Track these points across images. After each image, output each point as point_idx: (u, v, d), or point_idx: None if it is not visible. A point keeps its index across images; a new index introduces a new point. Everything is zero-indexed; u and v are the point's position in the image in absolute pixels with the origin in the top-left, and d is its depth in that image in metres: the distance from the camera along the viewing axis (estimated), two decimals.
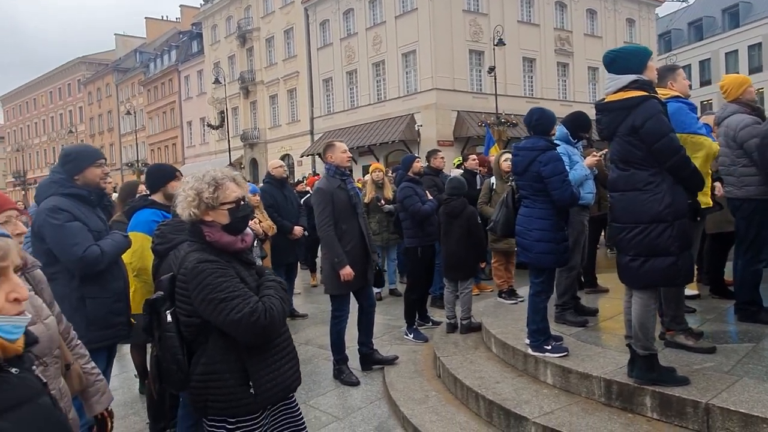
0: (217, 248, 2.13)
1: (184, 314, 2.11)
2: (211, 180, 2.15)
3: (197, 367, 2.11)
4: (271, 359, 2.17)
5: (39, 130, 61.88)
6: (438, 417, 3.72)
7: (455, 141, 24.94)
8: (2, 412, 1.05)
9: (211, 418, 2.14)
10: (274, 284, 2.22)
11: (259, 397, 2.11)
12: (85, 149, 3.15)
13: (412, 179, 5.76)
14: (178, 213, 2.19)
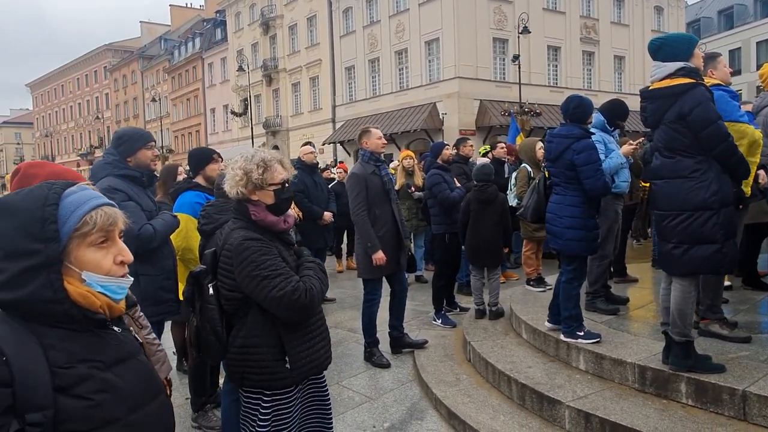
0: (262, 227, 2.21)
1: (226, 288, 2.20)
2: (260, 161, 2.22)
3: (236, 340, 2.21)
4: (307, 336, 2.26)
5: (67, 116, 63.09)
6: (470, 399, 3.79)
7: (477, 130, 24.79)
8: (111, 366, 1.15)
9: (247, 390, 2.24)
10: (313, 265, 2.31)
11: (295, 372, 2.20)
12: (137, 132, 3.25)
13: (441, 166, 5.80)
14: (226, 191, 2.27)
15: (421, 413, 3.85)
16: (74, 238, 1.12)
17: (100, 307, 1.15)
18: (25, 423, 0.99)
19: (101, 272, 1.15)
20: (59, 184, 1.17)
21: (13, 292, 1.07)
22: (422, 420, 3.75)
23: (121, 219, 1.20)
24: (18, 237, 1.08)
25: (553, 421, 3.36)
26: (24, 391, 1.01)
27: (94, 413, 1.08)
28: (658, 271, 5.73)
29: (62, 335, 1.10)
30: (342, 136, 29.46)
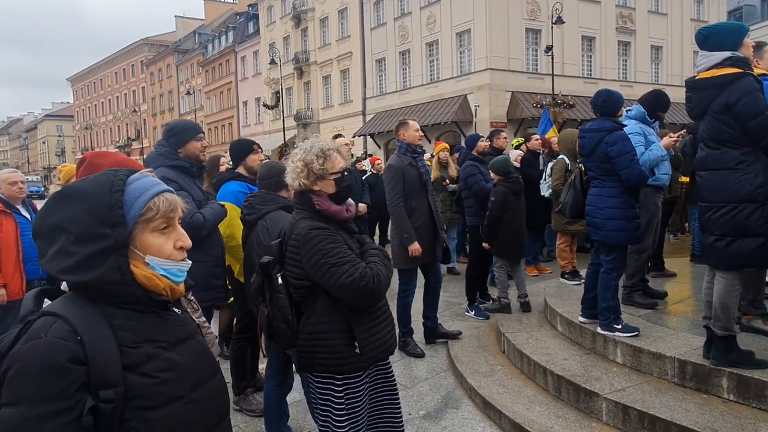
0: (326, 216, 2.26)
1: (294, 277, 2.26)
2: (319, 151, 2.27)
3: (306, 327, 2.26)
4: (374, 321, 2.30)
5: (105, 109, 64.88)
6: (506, 390, 3.81)
7: (509, 122, 24.48)
8: (174, 346, 1.21)
9: (318, 375, 2.29)
10: (377, 252, 2.35)
11: (364, 357, 2.24)
12: (186, 124, 3.36)
13: (476, 158, 5.80)
14: (288, 183, 2.33)
15: (456, 402, 3.89)
16: (139, 223, 1.18)
17: (162, 290, 1.21)
18: (99, 399, 1.05)
19: (163, 256, 1.21)
20: (123, 171, 1.23)
21: (84, 274, 1.12)
22: (457, 409, 3.79)
23: (181, 205, 1.25)
24: (88, 221, 1.13)
25: (589, 413, 3.36)
26: (97, 369, 1.07)
27: (160, 390, 1.13)
28: (697, 266, 5.64)
29: (129, 316, 1.16)
30: (372, 128, 29.51)
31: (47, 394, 1.01)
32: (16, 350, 1.04)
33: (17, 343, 1.06)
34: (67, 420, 1.01)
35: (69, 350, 1.04)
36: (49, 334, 1.05)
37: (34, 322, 1.08)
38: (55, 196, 1.17)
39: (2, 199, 4.23)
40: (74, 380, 1.03)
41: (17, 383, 1.01)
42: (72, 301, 1.13)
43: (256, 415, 3.66)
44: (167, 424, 1.13)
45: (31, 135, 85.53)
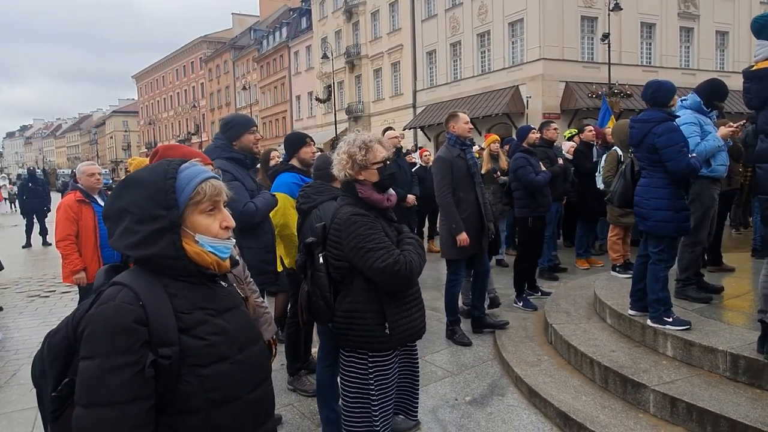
0: (368, 204, 2.43)
1: (334, 258, 2.44)
2: (362, 143, 2.44)
3: (342, 305, 2.44)
4: (405, 306, 2.46)
5: (167, 105, 67.71)
6: (552, 379, 3.86)
7: (562, 113, 23.91)
8: (221, 313, 1.38)
9: (350, 352, 2.47)
10: (413, 241, 2.50)
11: (393, 337, 2.41)
12: (241, 118, 3.58)
13: (527, 150, 5.78)
14: (335, 174, 2.50)
15: (501, 390, 3.97)
16: (189, 205, 1.34)
17: (210, 264, 1.38)
18: (159, 355, 1.23)
19: (210, 235, 1.37)
20: (176, 161, 1.41)
21: (145, 249, 1.29)
22: (503, 396, 3.87)
23: (225, 190, 1.41)
24: (147, 204, 1.30)
25: (636, 404, 3.37)
26: (156, 329, 1.24)
27: (210, 351, 1.30)
28: (758, 262, 5.44)
29: (183, 286, 1.33)
30: (422, 121, 29.50)
31: (117, 349, 1.19)
32: (91, 313, 1.24)
33: (92, 307, 1.26)
34: (133, 371, 1.19)
35: (134, 313, 1.22)
36: (117, 300, 1.23)
37: (104, 291, 1.28)
38: (121, 183, 1.37)
39: (81, 189, 4.61)
40: (138, 338, 1.21)
41: (92, 340, 1.21)
42: (136, 273, 1.32)
43: (309, 395, 3.87)
44: (216, 380, 1.29)
45: (99, 130, 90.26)
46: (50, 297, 7.56)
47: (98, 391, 1.18)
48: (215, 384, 1.29)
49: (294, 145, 4.05)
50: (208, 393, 1.27)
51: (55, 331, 1.33)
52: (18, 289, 8.00)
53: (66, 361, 1.28)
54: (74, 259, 4.45)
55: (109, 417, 1.17)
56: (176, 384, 1.25)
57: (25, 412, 3.96)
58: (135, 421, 1.19)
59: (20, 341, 5.62)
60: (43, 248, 12.34)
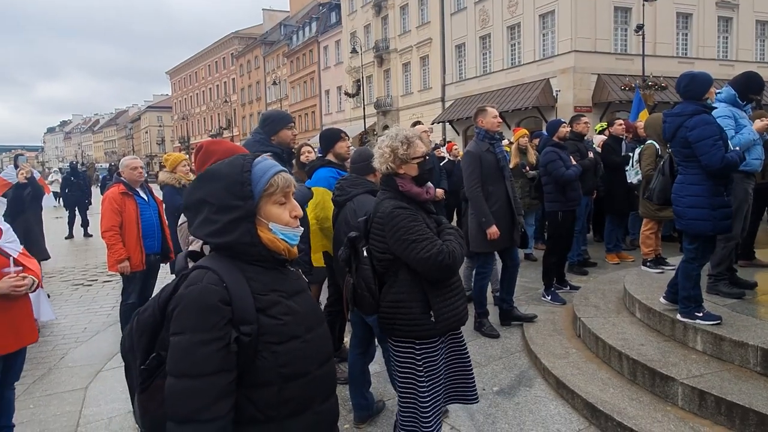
0: (408, 197, 2.52)
1: (378, 251, 2.54)
2: (404, 138, 2.54)
3: (388, 296, 2.53)
4: (448, 294, 2.54)
5: (199, 101, 69.02)
6: (579, 371, 3.90)
7: (594, 106, 23.51)
8: (292, 296, 1.50)
9: (399, 341, 2.55)
10: (453, 231, 2.59)
11: (438, 325, 2.49)
12: (279, 114, 3.70)
13: (557, 144, 5.78)
14: (376, 167, 2.60)
15: (529, 381, 4.03)
16: (263, 197, 1.45)
17: (282, 250, 1.49)
18: (240, 332, 1.36)
19: (282, 223, 1.49)
20: (250, 156, 1.52)
21: (224, 237, 1.41)
22: (530, 387, 3.93)
23: (293, 182, 1.53)
24: (225, 196, 1.41)
25: (664, 397, 3.39)
26: (238, 308, 1.36)
27: (283, 330, 1.42)
28: None
29: (258, 270, 1.45)
30: (451, 115, 29.39)
31: (205, 325, 1.32)
32: (181, 293, 1.37)
33: (178, 289, 1.39)
34: (219, 346, 1.32)
35: (219, 293, 1.35)
36: (203, 281, 1.36)
37: (190, 274, 1.40)
38: (199, 176, 1.49)
39: (124, 182, 4.82)
40: (223, 316, 1.34)
41: (182, 318, 1.34)
42: (216, 258, 1.44)
43: (341, 383, 3.98)
44: (288, 357, 1.42)
45: (135, 125, 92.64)
46: (93, 285, 7.92)
47: (188, 364, 1.31)
48: (287, 360, 1.41)
49: (330, 141, 4.16)
50: (281, 368, 1.40)
51: (144, 308, 1.47)
52: (63, 278, 8.38)
53: (152, 336, 1.42)
54: (118, 249, 4.66)
55: (198, 386, 1.30)
56: (254, 359, 1.37)
57: (74, 393, 4.20)
58: (219, 391, 1.32)
59: (67, 327, 5.92)
60: (84, 239, 12.83)
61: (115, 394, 4.16)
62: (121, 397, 4.10)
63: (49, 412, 3.87)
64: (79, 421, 3.72)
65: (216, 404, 1.31)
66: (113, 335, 5.43)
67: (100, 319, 6.20)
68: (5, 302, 2.90)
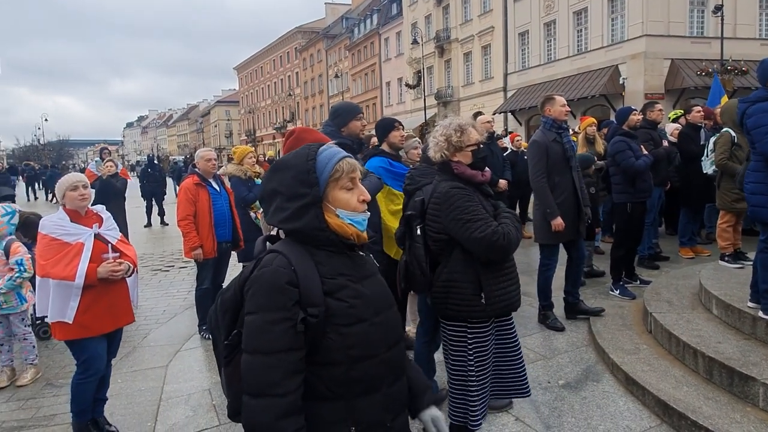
0: (464, 179, 2.56)
1: (433, 231, 2.59)
2: (457, 126, 2.58)
3: (441, 275, 2.58)
4: (501, 278, 2.56)
5: (265, 95, 71.08)
6: (651, 368, 3.78)
7: (666, 93, 22.24)
8: (360, 280, 1.54)
9: (451, 321, 2.60)
10: (509, 215, 2.60)
11: (489, 307, 2.51)
12: (348, 106, 3.80)
13: (627, 133, 5.57)
14: (431, 156, 2.64)
15: (596, 376, 3.94)
16: (330, 183, 1.50)
17: (350, 235, 1.54)
18: (308, 314, 1.42)
19: (349, 209, 1.52)
20: (315, 145, 1.58)
21: (294, 223, 1.47)
22: (598, 382, 3.84)
23: (359, 167, 1.58)
24: (294, 184, 1.48)
25: (744, 397, 3.24)
26: (305, 291, 1.41)
27: (350, 312, 1.47)
28: None
29: (326, 255, 1.49)
30: (513, 105, 28.75)
31: (274, 305, 1.40)
32: (254, 275, 1.46)
33: (254, 271, 1.48)
34: (288, 325, 1.40)
35: (287, 275, 1.42)
36: (274, 264, 1.44)
37: (264, 257, 1.49)
38: (271, 168, 1.58)
39: (198, 173, 5.08)
40: (291, 297, 1.41)
41: (255, 298, 1.43)
42: (287, 243, 1.52)
43: None
44: (355, 339, 1.47)
45: (205, 120, 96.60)
46: (170, 271, 8.40)
47: (261, 341, 1.39)
48: (355, 342, 1.46)
49: (384, 130, 4.21)
50: (349, 349, 1.45)
51: (227, 289, 1.57)
52: (143, 264, 8.92)
53: (234, 314, 1.52)
54: (193, 237, 4.93)
55: (270, 362, 1.38)
56: (322, 340, 1.43)
57: (156, 370, 4.50)
58: (290, 367, 1.39)
59: (148, 309, 6.33)
60: (161, 228, 13.57)
61: (192, 373, 4.43)
62: (198, 376, 4.37)
63: (134, 387, 4.17)
64: (161, 396, 3.99)
65: (287, 380, 1.38)
66: (189, 318, 5.75)
67: (177, 302, 6.58)
68: (104, 286, 3.18)
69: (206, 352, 4.83)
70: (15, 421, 3.71)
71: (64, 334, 3.17)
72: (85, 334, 3.16)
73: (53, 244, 3.09)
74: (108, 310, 3.23)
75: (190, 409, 3.77)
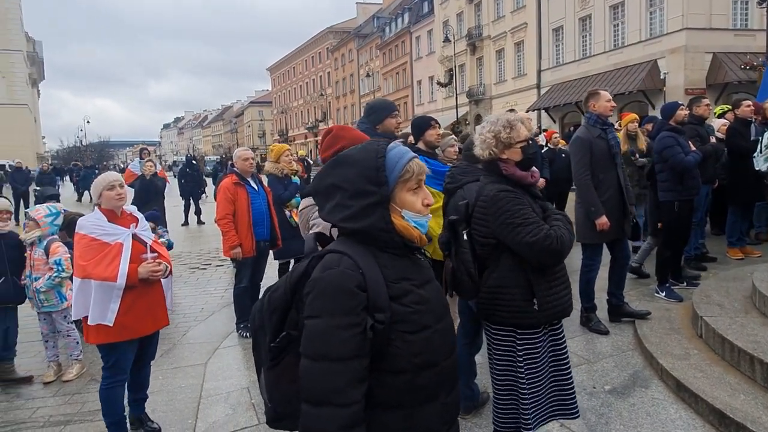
0: (512, 181, 2.45)
1: (480, 235, 2.48)
2: (506, 122, 2.47)
3: (488, 281, 2.47)
4: (553, 283, 2.45)
5: (297, 95, 71.91)
6: (703, 374, 3.61)
7: (708, 88, 21.45)
8: (422, 285, 1.47)
9: (498, 329, 2.49)
10: (561, 217, 2.48)
11: (541, 314, 2.40)
12: (384, 103, 3.75)
13: (674, 128, 5.36)
14: (477, 153, 2.55)
15: (644, 381, 3.79)
16: (398, 183, 1.42)
17: (415, 238, 1.46)
18: (375, 320, 1.34)
19: (414, 211, 1.45)
20: (384, 142, 1.49)
21: (359, 222, 1.39)
22: (646, 388, 3.69)
23: (426, 169, 1.50)
24: (360, 181, 1.39)
25: None
26: (373, 295, 1.34)
27: (415, 318, 1.40)
28: None
29: (390, 257, 1.42)
30: (547, 102, 28.25)
31: (342, 310, 1.33)
32: (317, 276, 1.37)
33: (310, 272, 1.40)
34: (356, 331, 1.32)
35: (356, 279, 1.35)
36: (341, 266, 1.36)
37: (323, 257, 1.41)
38: (331, 162, 1.48)
39: (237, 172, 5.11)
40: (360, 302, 1.34)
41: (319, 301, 1.34)
42: (349, 243, 1.43)
43: None
44: (420, 346, 1.40)
45: (239, 120, 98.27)
46: (207, 269, 8.51)
47: (325, 346, 1.31)
48: (419, 349, 1.39)
49: (420, 128, 4.13)
50: (414, 357, 1.38)
51: (275, 288, 1.50)
52: (181, 262, 9.08)
53: (283, 315, 1.45)
54: (232, 236, 4.96)
55: (335, 369, 1.31)
56: (387, 347, 1.36)
57: (195, 367, 4.55)
58: (355, 375, 1.32)
59: (186, 307, 6.42)
60: (198, 226, 13.79)
61: (230, 371, 4.45)
62: (236, 374, 4.39)
63: (175, 384, 4.22)
64: (201, 393, 4.02)
65: (352, 388, 1.31)
66: (227, 316, 5.80)
67: (215, 300, 6.65)
68: (143, 287, 3.13)
69: (244, 351, 4.86)
70: (62, 416, 3.80)
71: (103, 337, 3.08)
72: (124, 337, 3.10)
73: (93, 245, 3.02)
74: (148, 312, 3.19)
75: (229, 407, 3.78)
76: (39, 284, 4.24)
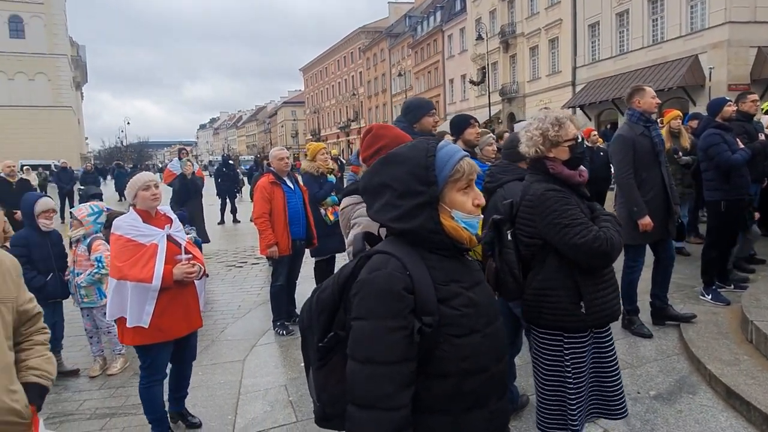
0: (560, 180, 2.38)
1: (525, 235, 2.43)
2: (554, 120, 2.40)
3: (533, 282, 2.41)
4: (601, 285, 2.37)
5: (329, 94, 72.49)
6: (755, 381, 3.46)
7: (753, 84, 20.58)
8: (472, 287, 1.44)
9: (544, 331, 2.43)
10: (610, 218, 2.41)
11: (589, 317, 2.33)
12: (420, 102, 3.72)
13: (721, 125, 5.16)
14: (524, 151, 2.50)
15: (691, 387, 3.66)
16: (448, 183, 1.38)
17: (464, 239, 1.42)
18: (423, 323, 1.32)
19: (465, 211, 1.41)
20: (434, 140, 1.45)
21: (407, 222, 1.36)
22: (694, 395, 3.57)
23: (476, 169, 1.45)
24: (409, 180, 1.36)
25: None
26: (420, 298, 1.31)
27: (464, 322, 1.36)
28: None
29: (439, 259, 1.39)
30: (582, 99, 27.67)
31: (389, 312, 1.30)
32: (364, 278, 1.35)
33: (357, 272, 1.38)
34: (403, 334, 1.30)
35: (403, 281, 1.32)
36: (388, 268, 1.34)
37: (370, 258, 1.39)
38: (380, 160, 1.46)
39: (273, 172, 5.16)
40: (407, 305, 1.31)
41: (366, 303, 1.33)
42: (397, 244, 1.40)
43: None
44: (468, 350, 1.36)
45: (272, 120, 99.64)
46: (243, 267, 8.64)
47: (373, 349, 1.30)
48: (467, 354, 1.36)
49: (459, 127, 4.09)
50: (462, 362, 1.35)
51: (323, 288, 1.48)
52: (218, 260, 9.24)
53: (330, 315, 1.43)
54: (268, 235, 5.01)
55: (383, 373, 1.29)
56: (434, 350, 1.33)
57: (234, 364, 4.61)
58: (403, 379, 1.30)
59: (224, 304, 6.52)
60: (234, 225, 14.01)
61: (268, 368, 4.50)
62: (274, 371, 4.43)
63: (214, 380, 4.29)
64: (240, 390, 4.07)
65: (399, 392, 1.29)
66: (264, 313, 5.86)
67: (252, 297, 6.73)
68: (178, 289, 3.12)
69: (281, 348, 4.90)
70: (107, 408, 3.90)
71: (139, 339, 3.08)
72: (158, 339, 3.10)
73: (129, 246, 3.01)
74: (183, 314, 3.19)
75: (267, 404, 3.82)
76: (80, 279, 4.38)
